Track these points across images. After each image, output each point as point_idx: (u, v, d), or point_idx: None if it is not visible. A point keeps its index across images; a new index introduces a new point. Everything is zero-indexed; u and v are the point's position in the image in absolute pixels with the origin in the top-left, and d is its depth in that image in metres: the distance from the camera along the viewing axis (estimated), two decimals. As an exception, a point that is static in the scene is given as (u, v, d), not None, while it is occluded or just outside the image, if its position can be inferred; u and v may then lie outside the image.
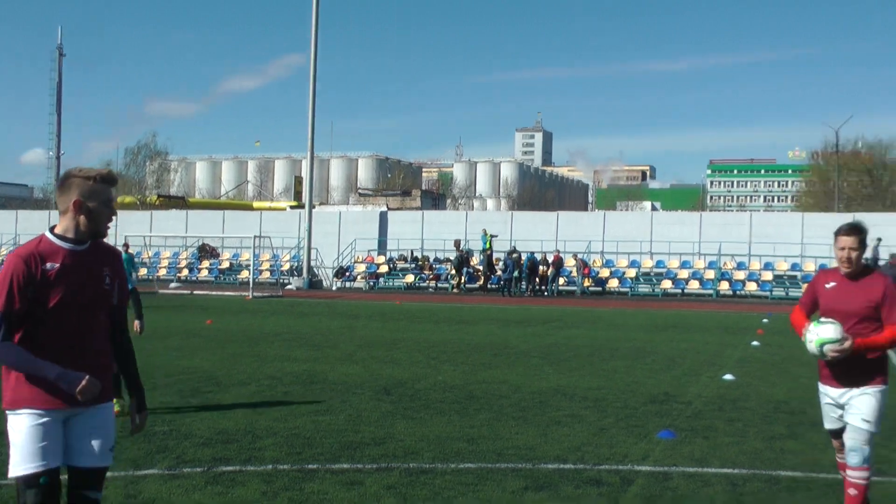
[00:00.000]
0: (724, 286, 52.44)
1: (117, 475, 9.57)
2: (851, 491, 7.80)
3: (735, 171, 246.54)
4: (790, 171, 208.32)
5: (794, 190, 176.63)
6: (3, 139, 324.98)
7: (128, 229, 58.99)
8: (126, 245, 40.73)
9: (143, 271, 59.49)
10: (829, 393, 8.02)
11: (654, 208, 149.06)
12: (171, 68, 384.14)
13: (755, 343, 24.68)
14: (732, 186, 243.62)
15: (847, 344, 7.56)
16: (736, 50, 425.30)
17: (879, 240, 48.51)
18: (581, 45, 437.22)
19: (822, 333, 7.67)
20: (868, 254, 43.02)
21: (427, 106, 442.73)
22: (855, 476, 7.77)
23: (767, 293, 51.30)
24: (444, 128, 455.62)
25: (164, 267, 62.69)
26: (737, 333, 27.60)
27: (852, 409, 7.77)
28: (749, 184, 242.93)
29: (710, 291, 51.96)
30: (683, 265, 54.56)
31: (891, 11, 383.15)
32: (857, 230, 7.96)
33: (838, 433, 8.08)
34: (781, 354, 22.13)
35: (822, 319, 7.83)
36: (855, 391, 7.78)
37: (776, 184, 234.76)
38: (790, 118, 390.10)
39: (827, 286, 8.06)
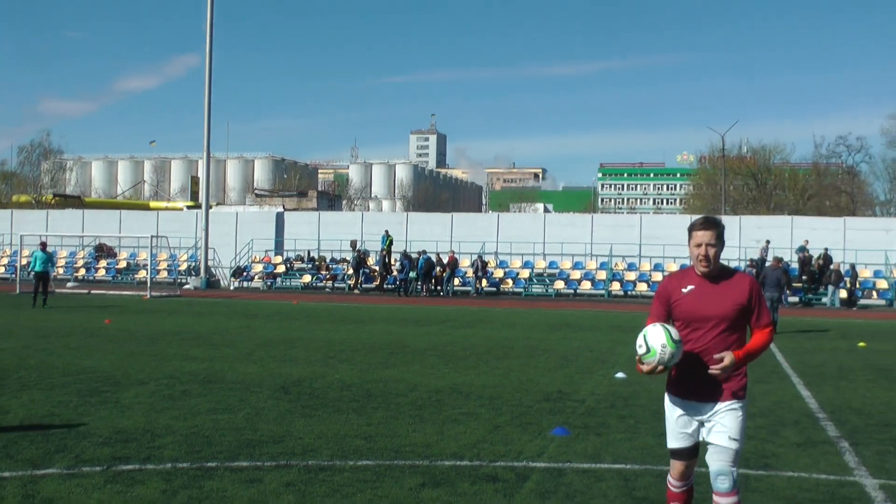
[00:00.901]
0: (615, 286, 53.01)
1: (15, 475, 9.44)
2: None
3: (625, 175, 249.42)
4: (678, 175, 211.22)
5: (683, 193, 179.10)
6: None
7: (23, 229, 58.28)
8: (43, 244, 40.46)
9: (60, 271, 58.68)
10: (687, 408, 7.00)
11: (546, 210, 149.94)
12: (65, 67, 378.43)
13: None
14: (623, 189, 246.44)
15: (727, 362, 6.69)
16: (627, 55, 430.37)
17: (768, 242, 49.53)
18: (475, 49, 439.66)
19: (656, 337, 6.70)
20: (756, 255, 44.03)
21: (322, 107, 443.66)
22: (726, 502, 6.84)
23: (657, 293, 51.72)
24: (340, 129, 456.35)
25: (61, 266, 61.72)
26: (628, 332, 27.86)
27: (717, 427, 6.81)
28: (639, 187, 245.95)
29: (602, 292, 52.51)
30: (576, 266, 55.06)
31: (774, 24, 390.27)
32: (713, 224, 6.95)
33: (686, 452, 7.04)
34: (671, 353, 22.39)
35: (644, 331, 6.86)
36: (720, 405, 6.82)
37: (665, 187, 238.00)
38: (679, 123, 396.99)
39: (684, 290, 6.95)
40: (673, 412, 7.09)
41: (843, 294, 48.74)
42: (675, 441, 7.06)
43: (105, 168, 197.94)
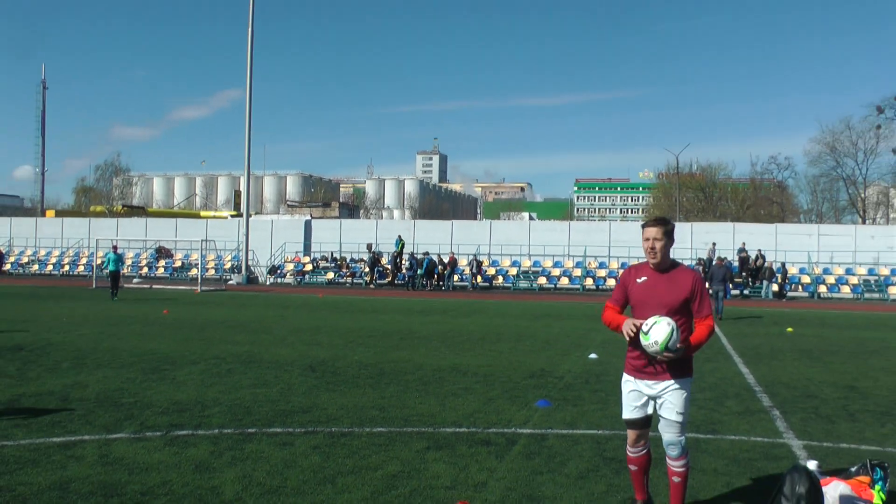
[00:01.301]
0: (588, 282, 52.91)
1: (92, 438, 9.48)
2: (676, 479, 6.93)
3: (597, 188, 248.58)
4: (641, 189, 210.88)
5: (644, 204, 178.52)
6: None
7: (98, 234, 58.31)
8: (115, 246, 40.67)
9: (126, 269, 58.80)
10: (641, 386, 6.91)
11: (531, 218, 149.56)
12: (132, 99, 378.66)
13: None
14: (595, 200, 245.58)
15: (680, 349, 6.58)
16: (599, 89, 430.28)
17: (714, 244, 49.62)
18: (471, 84, 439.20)
19: (659, 335, 6.53)
20: (705, 255, 44.02)
21: (343, 132, 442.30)
22: (677, 465, 6.89)
23: (622, 287, 51.74)
24: (358, 150, 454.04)
25: (128, 265, 61.69)
26: (599, 320, 27.84)
27: (666, 403, 6.77)
28: (608, 198, 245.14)
29: (578, 286, 52.42)
30: (556, 265, 55.01)
31: (716, 63, 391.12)
32: (661, 222, 6.95)
33: (637, 423, 6.98)
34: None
35: (657, 319, 6.63)
36: (668, 384, 6.76)
37: (630, 198, 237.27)
38: (641, 145, 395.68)
39: (639, 280, 6.94)
40: (626, 387, 7.01)
41: (775, 288, 48.77)
42: (628, 412, 7.00)
43: (164, 183, 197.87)
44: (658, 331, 6.56)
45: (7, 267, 62.65)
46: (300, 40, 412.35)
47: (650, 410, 6.92)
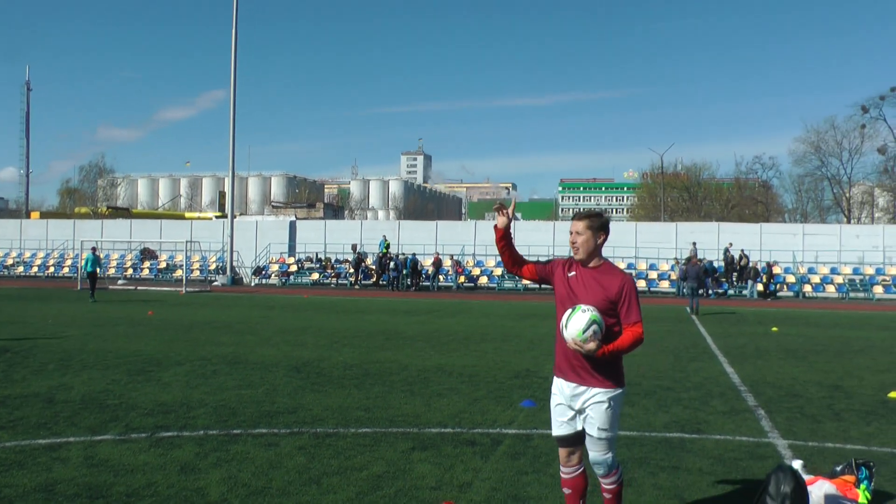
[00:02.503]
0: (572, 282, 52.96)
1: (77, 440, 9.46)
2: (607, 496, 6.42)
3: (581, 188, 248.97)
4: (625, 189, 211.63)
5: (629, 203, 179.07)
6: None
7: (83, 235, 58.25)
8: (94, 248, 40.73)
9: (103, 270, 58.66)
10: (562, 390, 6.31)
11: (516, 218, 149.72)
12: (118, 100, 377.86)
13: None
14: (579, 200, 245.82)
15: (590, 347, 5.98)
16: (583, 89, 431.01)
17: (694, 244, 49.85)
18: (455, 84, 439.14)
19: (576, 325, 5.99)
20: (688, 254, 44.09)
21: (328, 132, 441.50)
22: (607, 483, 6.38)
23: (607, 287, 51.85)
24: (342, 151, 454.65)
25: (113, 267, 61.58)
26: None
27: (588, 418, 6.19)
28: (593, 198, 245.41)
29: (562, 286, 52.43)
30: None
31: (700, 63, 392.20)
32: (587, 215, 6.39)
33: (567, 439, 6.36)
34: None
35: (583, 307, 6.07)
36: (589, 395, 6.17)
37: (614, 198, 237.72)
38: (625, 145, 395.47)
39: (569, 275, 6.36)
40: (554, 400, 6.42)
41: (760, 287, 48.92)
42: (556, 429, 6.40)
43: (149, 184, 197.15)
44: (577, 318, 6.01)
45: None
46: (285, 41, 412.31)
47: (579, 426, 6.31)
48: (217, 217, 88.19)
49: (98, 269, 39.04)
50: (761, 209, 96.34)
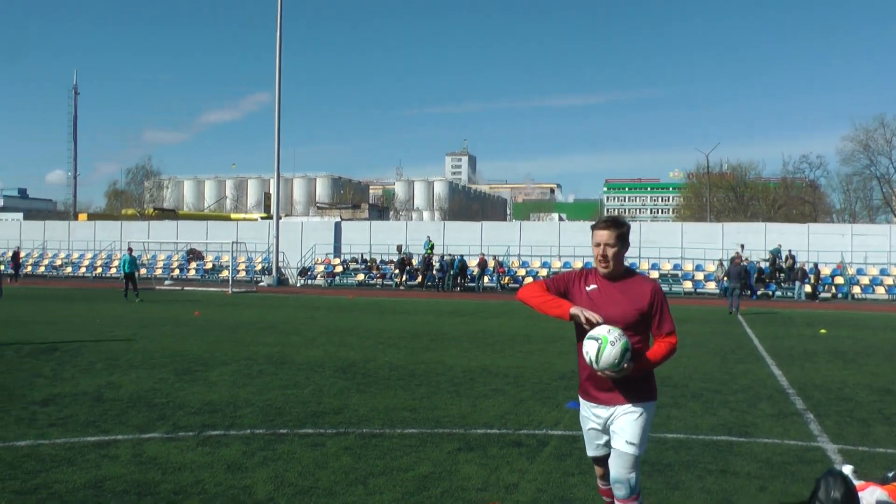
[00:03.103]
0: (617, 283, 52.70)
1: (126, 438, 9.55)
2: None
3: (626, 189, 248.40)
4: (671, 189, 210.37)
5: (674, 204, 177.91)
6: (32, 162, 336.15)
7: (130, 237, 59.08)
8: (130, 249, 41.25)
9: (142, 271, 59.34)
10: (597, 413, 5.90)
11: (560, 219, 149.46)
12: (163, 103, 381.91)
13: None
14: (625, 201, 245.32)
15: (626, 369, 5.50)
16: (628, 88, 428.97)
17: (742, 245, 49.43)
18: (499, 84, 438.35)
19: (608, 360, 5.44)
20: (733, 255, 43.68)
21: (372, 133, 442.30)
22: None
23: (653, 288, 51.57)
24: (387, 152, 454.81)
25: (160, 267, 62.20)
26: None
27: (616, 431, 5.73)
28: (638, 199, 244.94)
29: (607, 287, 52.11)
30: (586, 265, 54.54)
31: (747, 61, 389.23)
32: (613, 223, 5.74)
33: (603, 460, 6.06)
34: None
35: (610, 339, 5.42)
36: (619, 409, 5.73)
37: (660, 199, 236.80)
38: (670, 145, 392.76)
39: (588, 289, 5.76)
40: (585, 424, 6.08)
41: (808, 289, 48.42)
42: (590, 450, 6.10)
43: (195, 186, 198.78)
44: (608, 353, 5.45)
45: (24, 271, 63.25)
46: (328, 42, 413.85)
47: None
48: (263, 218, 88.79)
49: (135, 270, 39.39)
50: (808, 209, 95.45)
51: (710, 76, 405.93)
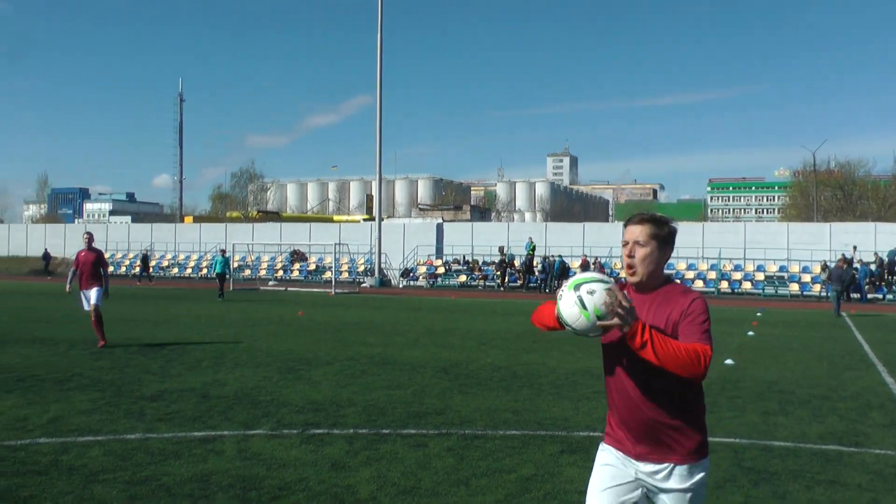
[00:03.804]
0: (723, 285, 52.03)
1: (231, 433, 9.71)
2: None
3: (731, 188, 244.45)
4: (776, 188, 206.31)
5: (780, 203, 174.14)
6: (140, 167, 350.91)
7: (234, 238, 60.17)
8: (223, 250, 42.21)
9: (246, 272, 60.51)
10: (621, 464, 4.44)
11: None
12: (266, 109, 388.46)
13: (750, 333, 24.43)
14: (729, 201, 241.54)
15: (623, 302, 3.94)
16: (730, 85, 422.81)
17: (855, 247, 48.19)
18: (600, 85, 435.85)
19: (569, 311, 4.25)
20: (841, 255, 42.64)
21: (474, 135, 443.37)
22: None
23: (760, 291, 50.81)
24: (489, 153, 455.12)
25: (264, 269, 63.26)
26: (735, 325, 27.32)
27: None
28: (742, 198, 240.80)
29: (713, 289, 51.50)
30: (690, 267, 54.21)
31: (856, 54, 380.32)
32: (649, 219, 4.43)
33: None
34: (773, 342, 21.93)
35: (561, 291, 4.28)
36: (663, 474, 4.24)
37: (765, 198, 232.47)
38: (775, 142, 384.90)
39: None
40: (601, 458, 4.62)
41: (922, 292, 47.10)
42: (593, 497, 4.46)
43: (297, 189, 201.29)
44: (566, 301, 4.29)
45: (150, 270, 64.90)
46: (428, 44, 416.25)
47: None
48: (365, 220, 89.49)
49: (227, 271, 40.11)
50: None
51: (816, 72, 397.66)
